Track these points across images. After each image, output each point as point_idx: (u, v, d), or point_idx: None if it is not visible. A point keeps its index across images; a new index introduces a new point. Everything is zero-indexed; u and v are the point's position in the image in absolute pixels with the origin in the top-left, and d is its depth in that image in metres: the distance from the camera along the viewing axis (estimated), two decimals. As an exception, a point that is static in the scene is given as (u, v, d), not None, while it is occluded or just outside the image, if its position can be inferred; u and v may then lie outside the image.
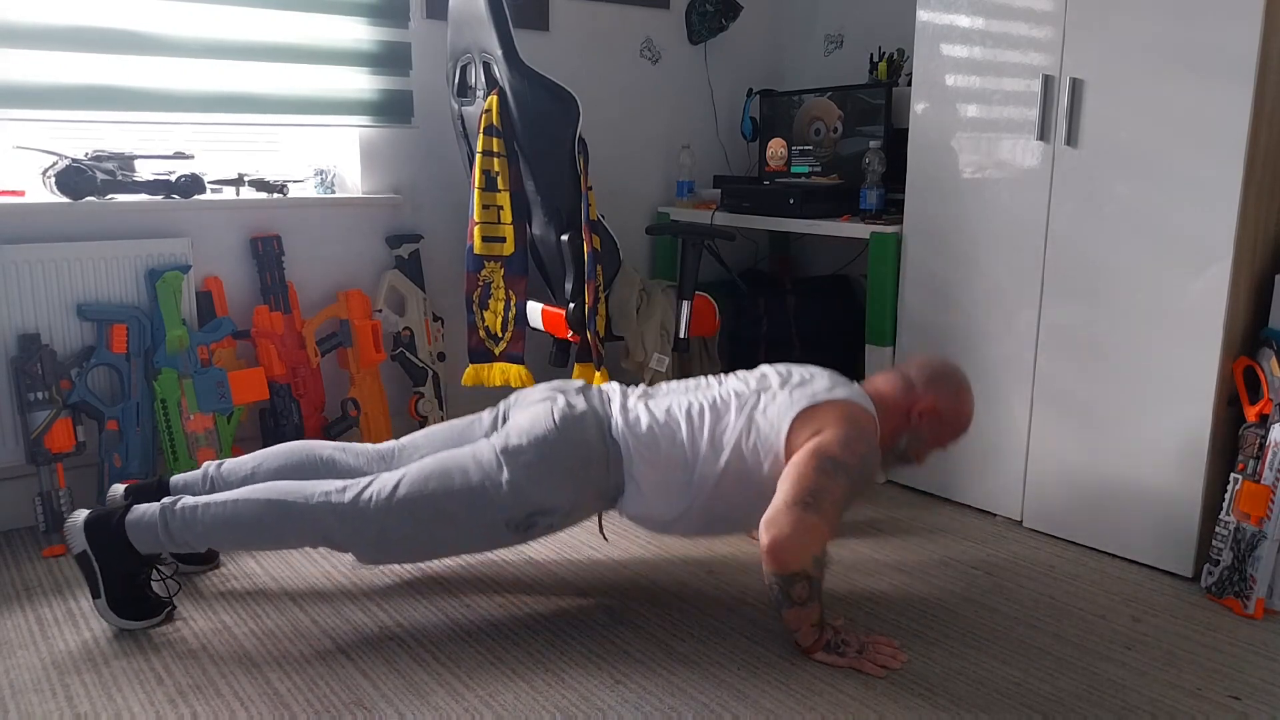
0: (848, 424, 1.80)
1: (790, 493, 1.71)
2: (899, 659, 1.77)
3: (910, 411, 1.95)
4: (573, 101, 2.41)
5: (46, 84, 2.28)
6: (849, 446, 1.76)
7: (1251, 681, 1.74)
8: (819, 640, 1.77)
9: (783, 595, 1.71)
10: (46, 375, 2.26)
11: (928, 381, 1.96)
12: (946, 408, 1.96)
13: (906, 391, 1.96)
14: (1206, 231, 2.02)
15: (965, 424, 2.01)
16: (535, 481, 1.80)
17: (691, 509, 1.87)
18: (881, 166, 2.75)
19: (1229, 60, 1.95)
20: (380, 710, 1.61)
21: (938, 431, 1.98)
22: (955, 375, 2.00)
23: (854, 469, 1.75)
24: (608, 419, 1.88)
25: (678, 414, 1.89)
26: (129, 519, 1.83)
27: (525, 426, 1.85)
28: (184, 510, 1.83)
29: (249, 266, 2.63)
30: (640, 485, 1.85)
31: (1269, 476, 1.99)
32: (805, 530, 1.68)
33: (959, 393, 1.98)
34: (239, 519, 1.82)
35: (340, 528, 1.79)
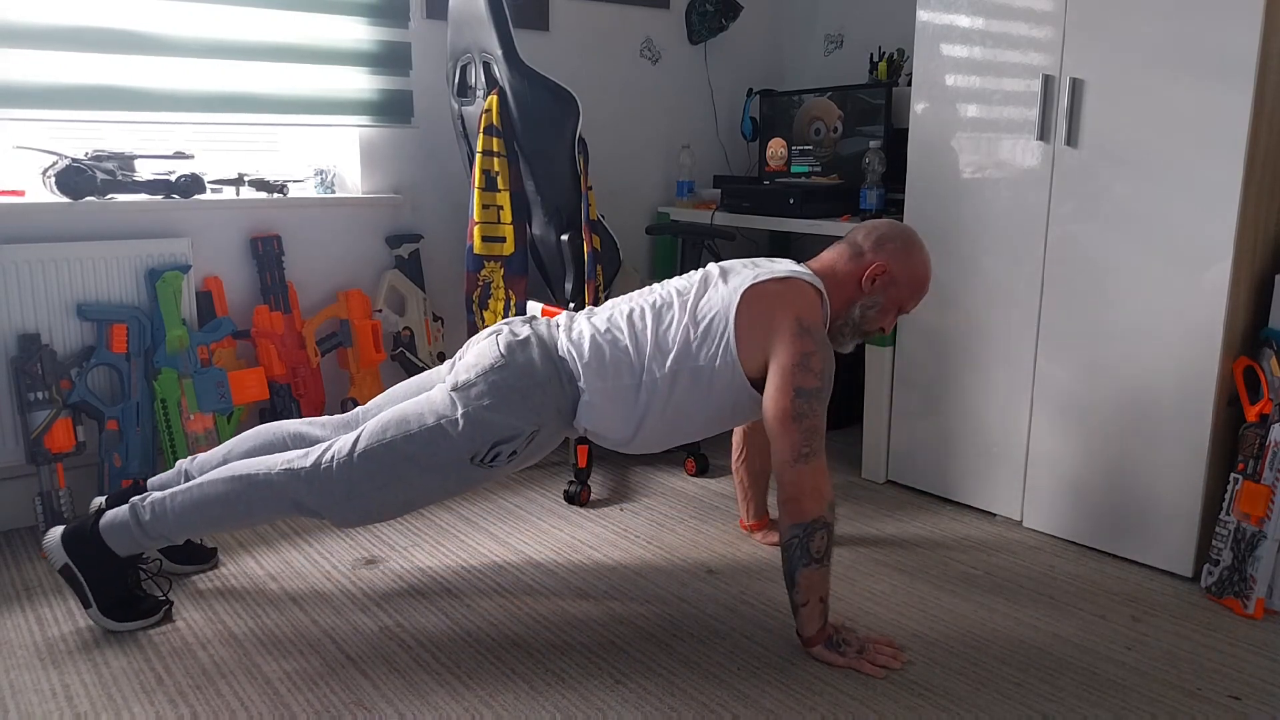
0: (799, 337, 1.78)
1: (786, 450, 1.73)
2: (899, 660, 1.77)
3: (861, 278, 1.92)
4: (573, 101, 2.42)
5: (46, 84, 2.28)
6: (808, 368, 1.76)
7: (1251, 681, 1.74)
8: (821, 631, 1.77)
9: (802, 550, 1.72)
10: (46, 375, 2.26)
11: (875, 244, 1.93)
12: (898, 266, 1.92)
13: (855, 259, 1.94)
14: (1206, 231, 2.02)
15: (921, 281, 1.97)
16: (490, 410, 1.79)
17: (648, 415, 1.85)
18: (881, 166, 2.75)
19: (1229, 60, 1.95)
20: (380, 710, 1.62)
21: (894, 294, 1.94)
22: (904, 233, 1.96)
23: (821, 389, 1.76)
24: (553, 340, 1.88)
25: (619, 320, 1.89)
26: (102, 524, 1.83)
27: (473, 362, 1.85)
28: (153, 504, 1.83)
29: (249, 266, 2.63)
30: (591, 398, 1.84)
31: (1269, 476, 1.99)
32: (814, 477, 1.72)
33: (909, 249, 1.94)
34: (206, 499, 1.82)
35: (308, 492, 1.79)
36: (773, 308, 1.82)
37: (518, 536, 2.34)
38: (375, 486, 1.79)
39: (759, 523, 2.35)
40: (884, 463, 2.74)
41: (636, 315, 1.89)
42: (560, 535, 2.35)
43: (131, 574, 1.88)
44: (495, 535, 2.35)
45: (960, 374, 2.52)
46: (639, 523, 2.44)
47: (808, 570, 1.73)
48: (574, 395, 1.85)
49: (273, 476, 1.80)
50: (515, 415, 1.80)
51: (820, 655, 1.77)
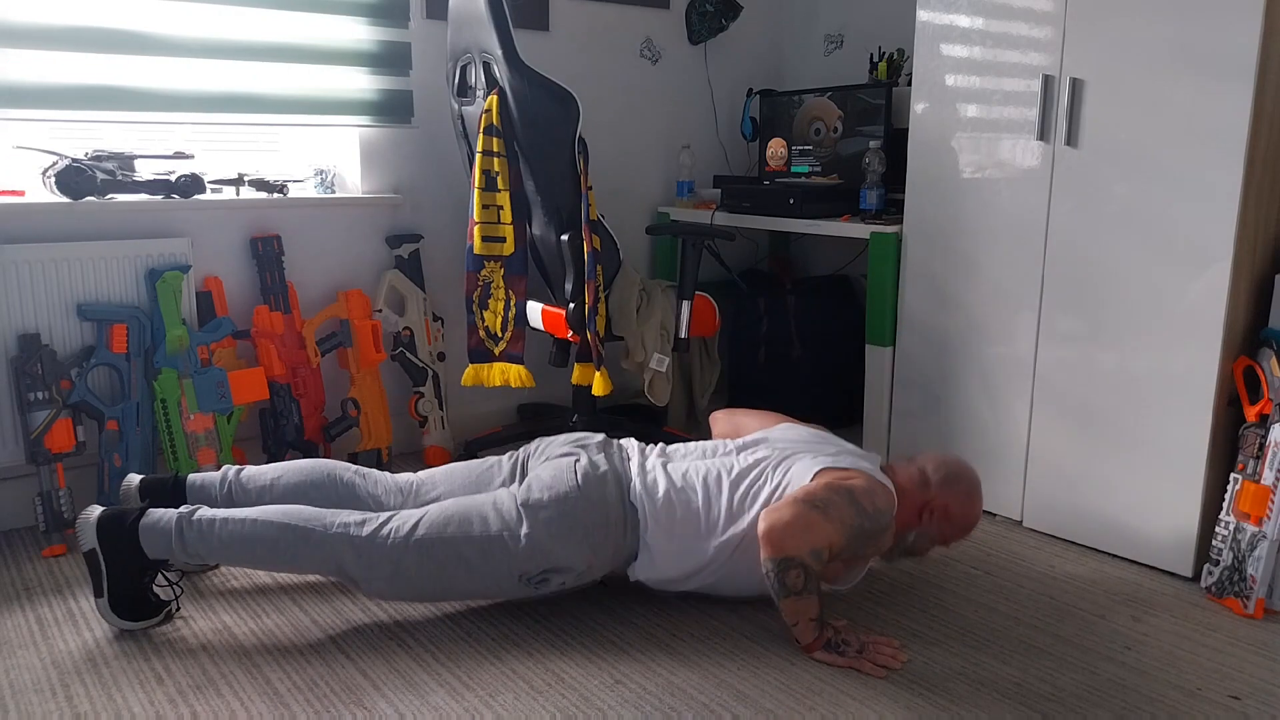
0: (869, 481, 1.83)
1: (798, 494, 1.75)
2: (899, 659, 1.78)
3: (923, 508, 1.96)
4: (573, 101, 2.42)
5: (46, 84, 2.29)
6: (868, 495, 1.79)
7: (1251, 681, 1.74)
8: (819, 638, 1.77)
9: (778, 582, 1.72)
10: (46, 375, 2.26)
11: (943, 482, 1.98)
12: (958, 510, 1.98)
13: (922, 487, 1.97)
14: (1206, 231, 2.02)
15: (972, 527, 2.03)
16: (554, 538, 1.81)
17: (703, 572, 1.89)
18: (881, 166, 2.75)
19: (1229, 60, 1.95)
20: (380, 710, 1.62)
21: (945, 531, 2.00)
22: (969, 477, 2.01)
23: (865, 511, 1.77)
24: (627, 480, 1.90)
25: (694, 479, 1.91)
26: (144, 523, 1.82)
27: (548, 481, 1.86)
28: (201, 523, 1.82)
29: (249, 266, 2.63)
30: (653, 552, 1.87)
31: (1269, 476, 1.99)
32: (806, 521, 1.71)
33: (971, 496, 2.00)
34: (256, 539, 1.82)
35: (355, 560, 1.80)
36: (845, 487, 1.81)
37: (518, 536, 2.34)
38: (420, 574, 1.81)
39: None
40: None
41: (712, 479, 1.90)
42: (560, 535, 2.35)
43: (151, 575, 1.88)
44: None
45: (960, 374, 2.52)
46: (639, 523, 2.44)
47: (787, 600, 1.74)
48: (634, 545, 1.86)
49: (327, 536, 1.81)
50: (577, 549, 1.82)
51: (820, 657, 1.77)
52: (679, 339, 2.70)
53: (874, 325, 2.69)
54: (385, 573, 1.80)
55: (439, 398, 2.89)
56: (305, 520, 1.83)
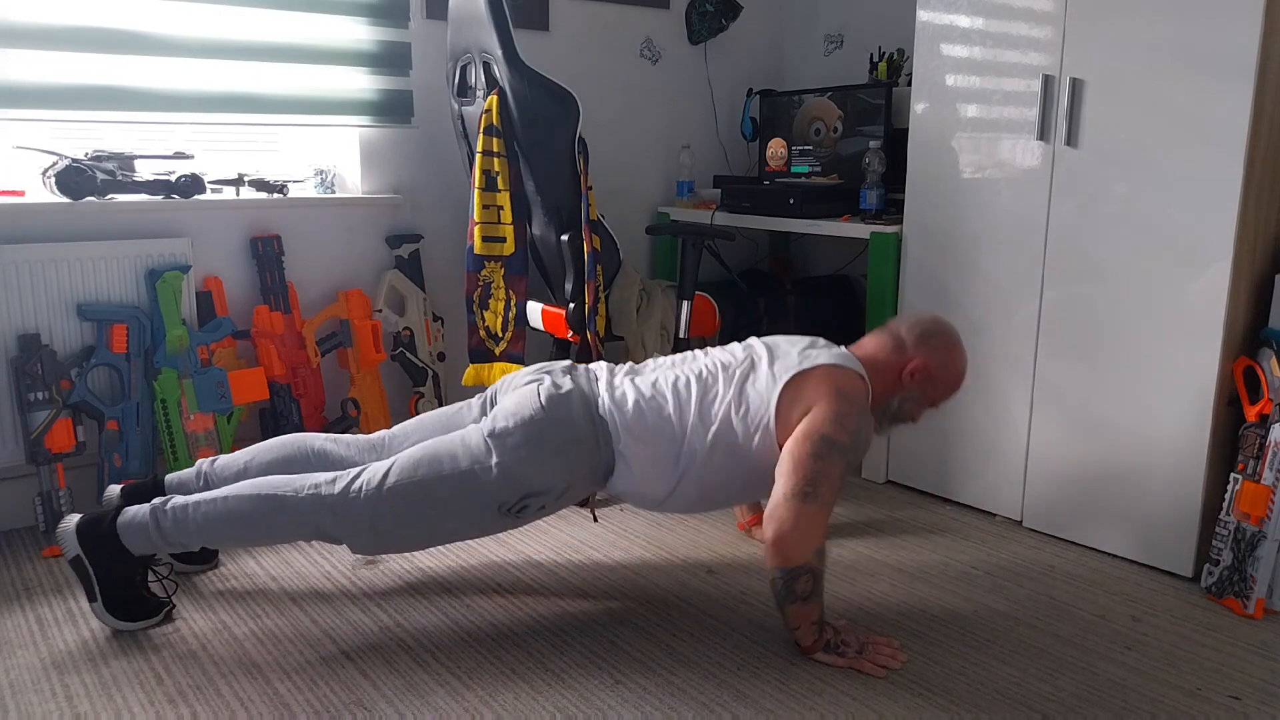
0: (838, 399, 1.79)
1: (789, 484, 1.72)
2: (899, 659, 1.77)
3: (901, 372, 1.94)
4: (573, 101, 2.42)
5: (46, 84, 2.29)
6: (841, 424, 1.76)
7: (1251, 681, 1.74)
8: (819, 640, 1.77)
9: (786, 591, 1.71)
10: (46, 375, 2.26)
11: (918, 340, 1.95)
12: (938, 366, 1.95)
13: (897, 351, 1.95)
14: (1206, 231, 2.02)
15: (958, 381, 1.99)
16: (525, 463, 1.79)
17: (681, 484, 1.86)
18: (881, 166, 2.75)
19: (1229, 60, 1.95)
20: (380, 711, 1.62)
21: (930, 390, 1.97)
22: (946, 332, 1.99)
23: (848, 446, 1.75)
24: (594, 397, 1.88)
25: (664, 388, 1.89)
26: (120, 521, 1.82)
27: (512, 409, 1.84)
28: (175, 509, 1.82)
29: (249, 266, 2.63)
30: (629, 462, 1.84)
31: (1269, 476, 1.99)
32: (807, 522, 1.70)
33: (950, 350, 1.97)
34: (230, 515, 1.81)
35: (331, 519, 1.79)
36: (815, 390, 1.81)
37: (517, 536, 2.34)
38: (399, 522, 1.80)
39: (755, 517, 2.35)
40: (884, 463, 2.74)
41: (682, 384, 1.89)
42: (560, 535, 2.35)
43: (141, 573, 1.88)
44: (495, 535, 2.34)
45: (960, 374, 2.52)
46: (639, 523, 2.44)
47: (794, 607, 1.73)
48: (609, 458, 1.84)
49: (299, 500, 1.79)
50: (550, 470, 1.80)
51: (820, 658, 1.77)
52: (679, 339, 2.70)
53: (874, 325, 2.68)
54: (363, 525, 1.79)
55: (439, 398, 2.90)
56: (277, 487, 1.81)
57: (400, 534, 1.82)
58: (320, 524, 1.80)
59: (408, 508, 1.79)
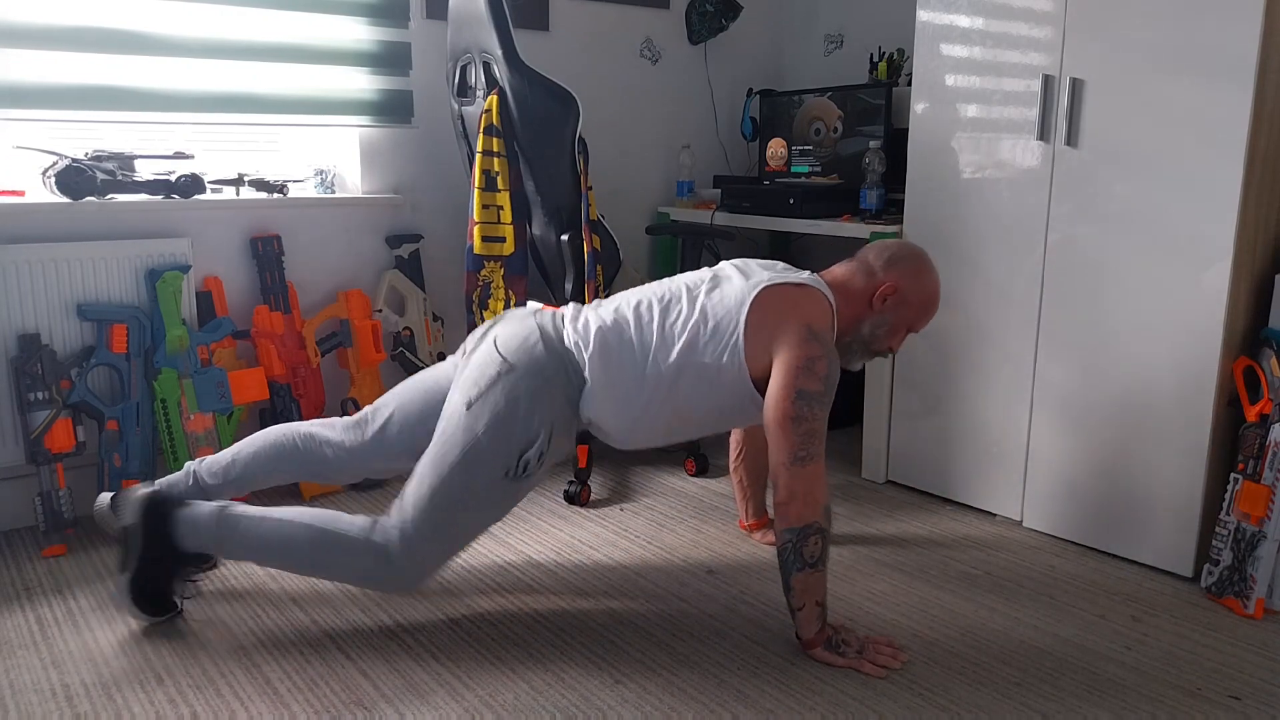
0: (807, 340, 1.78)
1: (783, 453, 1.73)
2: (899, 659, 1.77)
3: (872, 297, 1.93)
4: (573, 101, 2.42)
5: (46, 84, 2.28)
6: (813, 371, 1.76)
7: (1251, 681, 1.74)
8: (820, 633, 1.77)
9: (795, 555, 1.72)
10: (46, 375, 2.26)
11: (887, 264, 1.94)
12: (909, 287, 1.93)
13: (867, 277, 1.94)
14: (1206, 231, 2.02)
15: (931, 301, 1.98)
16: (506, 419, 1.78)
17: (649, 407, 1.85)
18: (881, 166, 2.75)
19: (1229, 60, 1.95)
20: (380, 710, 1.62)
21: (904, 314, 1.95)
22: (915, 253, 1.98)
23: (824, 394, 1.76)
24: (559, 332, 1.88)
25: (626, 311, 1.89)
26: (182, 511, 1.84)
27: (474, 376, 1.84)
28: (235, 520, 1.83)
29: (249, 266, 2.63)
30: (595, 387, 1.83)
31: (1269, 476, 1.99)
32: (809, 482, 1.72)
33: (920, 270, 1.95)
34: (286, 548, 1.84)
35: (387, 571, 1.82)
36: (784, 311, 1.82)
37: (518, 536, 2.34)
38: (441, 550, 1.83)
39: (758, 522, 2.35)
40: (884, 463, 2.74)
41: (644, 307, 1.89)
42: (560, 535, 2.35)
43: (176, 569, 1.88)
44: (495, 535, 2.34)
45: (960, 374, 2.52)
46: (639, 523, 2.44)
47: (802, 575, 1.73)
48: (580, 385, 1.85)
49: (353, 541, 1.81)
50: (531, 417, 1.80)
51: (820, 656, 1.77)
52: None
53: (874, 325, 2.69)
54: (414, 575, 1.82)
55: (439, 398, 2.89)
56: (329, 523, 1.82)
57: (442, 557, 1.84)
58: (368, 572, 1.82)
59: (440, 533, 1.80)
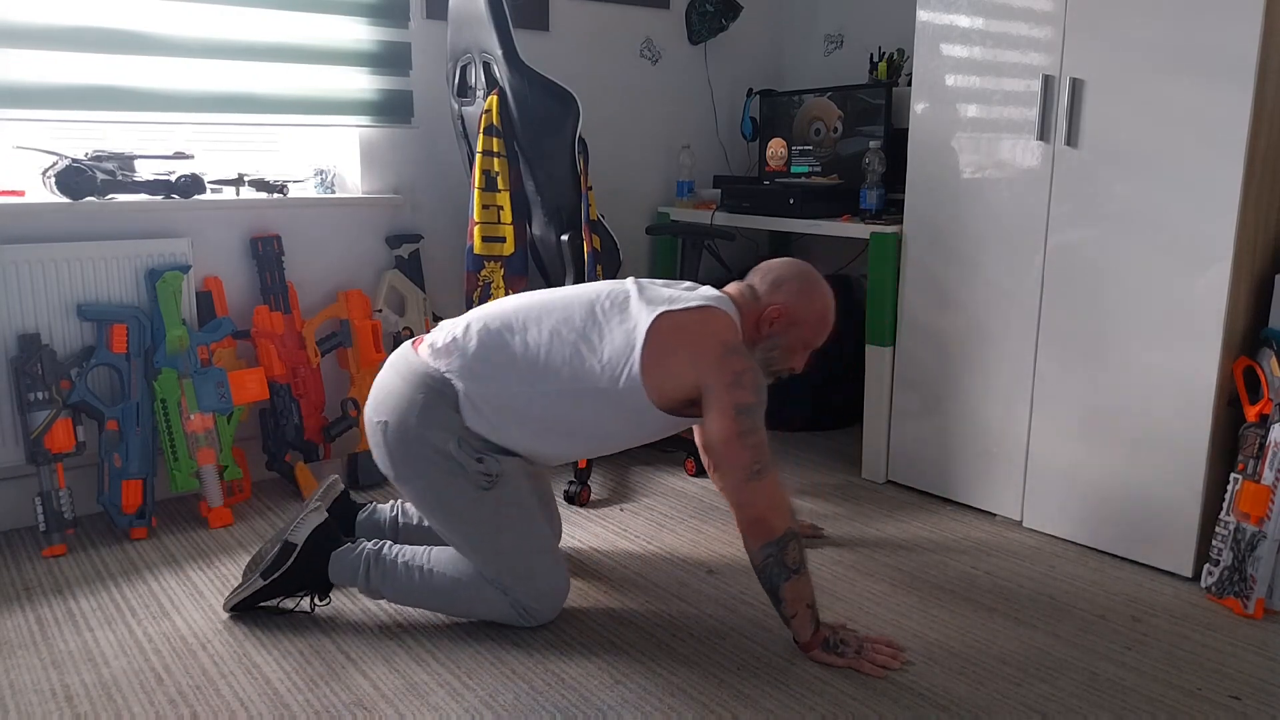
0: (728, 357, 1.76)
1: (738, 472, 1.73)
2: (899, 659, 1.77)
3: (760, 320, 1.90)
4: (573, 101, 2.42)
5: (46, 84, 2.29)
6: (742, 384, 1.74)
7: (1251, 681, 1.74)
8: (817, 634, 1.77)
9: (779, 566, 1.72)
10: (46, 375, 2.26)
11: (771, 287, 1.92)
12: (796, 307, 1.91)
13: (753, 301, 1.92)
14: (1206, 231, 2.02)
15: (822, 318, 1.94)
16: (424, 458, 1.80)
17: (544, 424, 1.82)
18: (881, 166, 2.75)
19: (1229, 60, 1.95)
20: (380, 710, 1.61)
21: (797, 334, 1.92)
22: (800, 272, 1.94)
23: (760, 403, 1.75)
24: (415, 358, 1.85)
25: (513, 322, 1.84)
26: (338, 550, 1.90)
27: (376, 455, 1.88)
28: (386, 565, 1.88)
29: (249, 266, 2.63)
30: (469, 394, 1.79)
31: (1269, 476, 1.99)
32: (770, 493, 1.73)
33: (806, 289, 1.92)
34: (432, 590, 1.87)
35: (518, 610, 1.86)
36: (689, 337, 1.79)
37: (518, 536, 2.34)
38: (531, 572, 1.84)
39: None
40: (884, 463, 2.74)
41: (538, 327, 1.83)
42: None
43: (310, 592, 1.92)
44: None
45: (960, 374, 2.52)
46: (639, 523, 2.44)
47: (789, 583, 1.73)
48: (453, 394, 1.80)
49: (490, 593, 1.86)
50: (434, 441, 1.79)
51: (819, 657, 1.77)
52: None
53: (874, 325, 2.69)
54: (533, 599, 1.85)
55: (439, 398, 2.89)
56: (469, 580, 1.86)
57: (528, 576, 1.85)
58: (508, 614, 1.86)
59: (501, 565, 1.83)
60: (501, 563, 1.83)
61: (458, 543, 1.85)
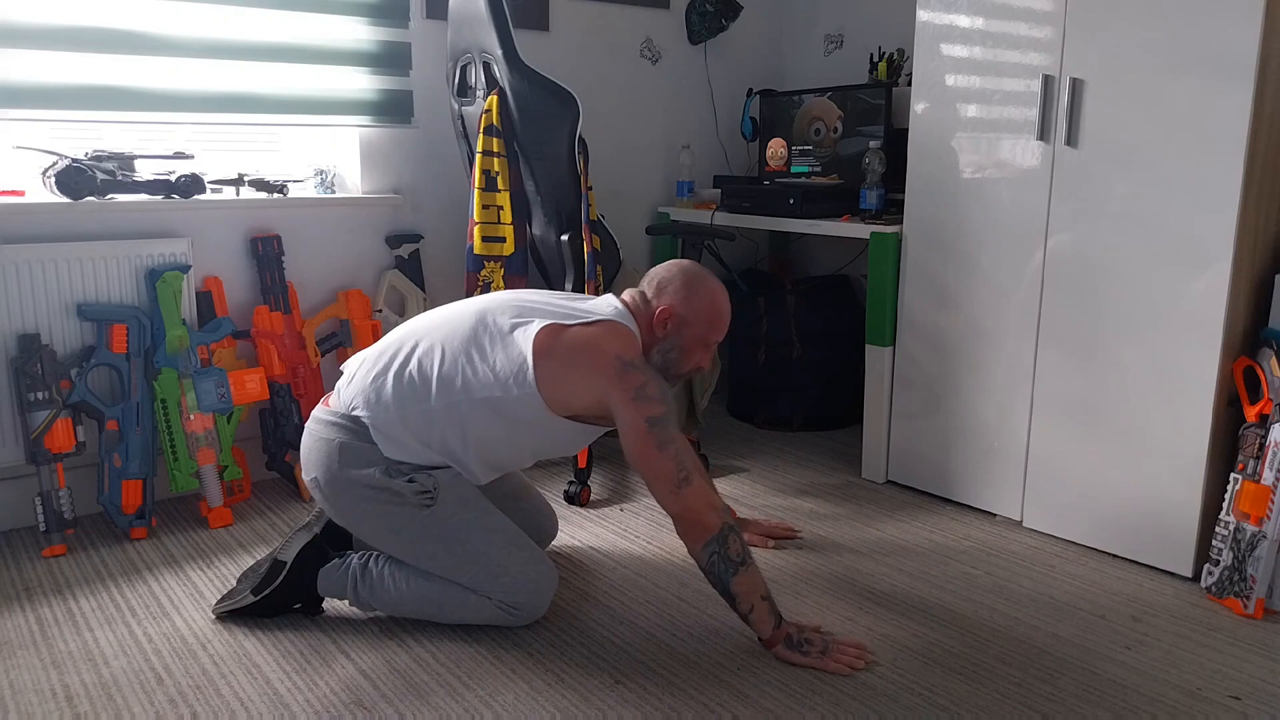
0: (619, 372, 1.76)
1: (665, 485, 1.73)
2: (865, 659, 1.77)
3: (654, 323, 1.90)
4: (573, 101, 2.42)
5: (46, 84, 2.29)
6: (646, 396, 1.74)
7: (1251, 681, 1.74)
8: (779, 630, 1.77)
9: (724, 560, 1.73)
10: (46, 375, 2.26)
11: (657, 290, 1.92)
12: (683, 306, 1.89)
13: (644, 305, 1.92)
14: (1206, 231, 2.02)
15: (712, 313, 1.93)
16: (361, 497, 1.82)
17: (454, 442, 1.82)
18: (881, 166, 2.75)
19: (1229, 60, 1.95)
20: (380, 710, 1.61)
21: (691, 332, 1.91)
22: (682, 271, 1.93)
23: (668, 411, 1.75)
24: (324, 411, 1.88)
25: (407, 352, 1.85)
26: (327, 566, 1.92)
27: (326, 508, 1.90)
28: (375, 576, 1.89)
29: (249, 266, 2.63)
30: (376, 423, 1.81)
31: (1269, 476, 1.99)
32: (698, 497, 1.73)
33: (689, 287, 1.91)
34: (422, 597, 1.87)
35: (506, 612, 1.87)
36: (583, 353, 1.79)
37: (518, 536, 2.34)
38: (508, 572, 1.84)
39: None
40: (884, 463, 2.74)
41: (427, 344, 1.84)
42: (560, 535, 2.35)
43: (300, 605, 1.94)
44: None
45: (960, 374, 2.52)
46: (639, 523, 2.44)
47: (738, 578, 1.74)
48: (362, 428, 1.82)
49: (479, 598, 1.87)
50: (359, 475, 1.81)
51: (782, 654, 1.77)
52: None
53: (874, 325, 2.69)
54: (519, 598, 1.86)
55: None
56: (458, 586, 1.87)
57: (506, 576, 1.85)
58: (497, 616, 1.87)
59: (475, 571, 1.83)
60: (472, 570, 1.83)
61: (430, 567, 1.86)
